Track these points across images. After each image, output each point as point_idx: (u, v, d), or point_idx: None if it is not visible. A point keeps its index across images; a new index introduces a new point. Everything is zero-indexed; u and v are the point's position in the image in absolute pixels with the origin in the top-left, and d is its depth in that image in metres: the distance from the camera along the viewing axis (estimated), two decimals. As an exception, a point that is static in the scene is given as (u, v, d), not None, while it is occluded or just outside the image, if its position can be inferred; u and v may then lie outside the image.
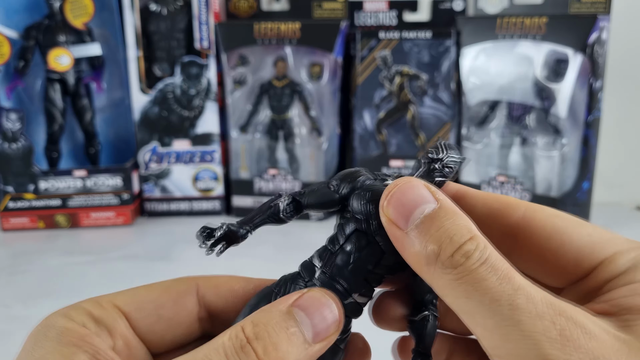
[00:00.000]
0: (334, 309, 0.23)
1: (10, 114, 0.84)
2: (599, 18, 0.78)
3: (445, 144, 0.25)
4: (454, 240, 0.21)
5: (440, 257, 0.21)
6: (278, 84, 0.87)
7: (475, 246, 0.21)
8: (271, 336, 0.22)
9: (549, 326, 0.19)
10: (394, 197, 0.22)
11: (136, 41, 0.86)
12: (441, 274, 0.21)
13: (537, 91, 0.83)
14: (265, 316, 0.22)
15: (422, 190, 0.22)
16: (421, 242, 0.21)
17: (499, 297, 0.20)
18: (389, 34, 0.84)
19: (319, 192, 0.26)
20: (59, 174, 0.86)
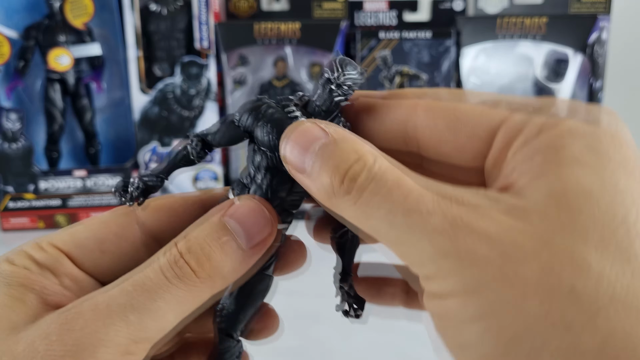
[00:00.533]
0: (265, 212, 0.24)
1: (10, 114, 0.84)
2: (599, 18, 0.78)
3: (340, 60, 0.23)
4: (340, 167, 0.21)
5: (334, 187, 0.21)
6: (278, 84, 0.87)
7: (362, 166, 0.20)
8: (203, 248, 0.22)
9: (441, 220, 0.19)
10: (289, 145, 0.22)
11: (136, 41, 0.86)
12: (341, 204, 0.21)
13: (537, 91, 0.83)
14: (196, 230, 0.23)
15: (313, 129, 0.22)
16: (318, 179, 0.21)
17: (392, 208, 0.20)
18: (389, 34, 0.84)
19: (224, 128, 0.26)
20: (59, 174, 0.86)
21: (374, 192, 0.20)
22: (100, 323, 0.21)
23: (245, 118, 0.25)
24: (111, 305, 0.21)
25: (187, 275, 0.22)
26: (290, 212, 0.26)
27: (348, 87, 0.23)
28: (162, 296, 0.22)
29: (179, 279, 0.22)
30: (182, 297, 0.22)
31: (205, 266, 0.22)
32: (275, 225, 0.24)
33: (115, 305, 0.21)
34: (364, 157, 0.21)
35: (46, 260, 0.24)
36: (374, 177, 0.20)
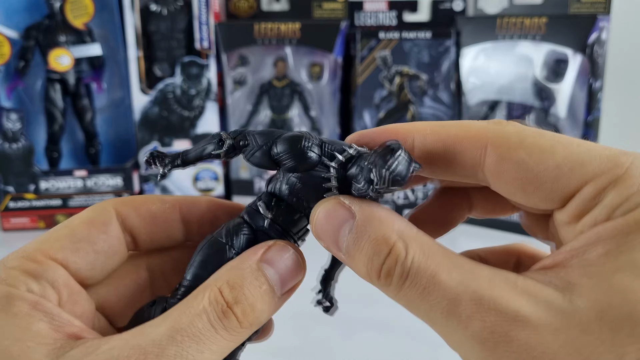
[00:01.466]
0: (299, 260, 0.24)
1: (10, 114, 0.84)
2: (598, 18, 0.78)
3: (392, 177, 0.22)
4: (375, 262, 0.21)
5: (372, 279, 0.22)
6: (278, 84, 0.87)
7: (394, 261, 0.21)
8: (248, 298, 0.23)
9: (480, 328, 0.19)
10: (319, 227, 0.23)
11: (136, 41, 0.86)
12: (384, 291, 0.22)
13: (536, 91, 0.83)
14: (239, 276, 0.23)
15: (339, 210, 0.23)
16: (355, 265, 0.22)
17: (430, 309, 0.20)
18: (389, 34, 0.84)
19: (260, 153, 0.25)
20: (59, 174, 0.86)
21: (411, 288, 0.20)
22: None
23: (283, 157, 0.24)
24: (160, 357, 0.21)
25: (234, 327, 0.22)
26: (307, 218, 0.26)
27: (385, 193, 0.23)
28: (210, 347, 0.22)
29: (225, 330, 0.22)
30: (224, 346, 0.22)
31: (250, 317, 0.23)
32: (305, 269, 0.25)
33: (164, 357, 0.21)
34: (395, 248, 0.21)
35: (45, 274, 0.23)
36: (408, 274, 0.21)
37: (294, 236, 0.26)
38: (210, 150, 0.27)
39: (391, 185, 0.22)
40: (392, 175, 0.22)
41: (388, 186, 0.22)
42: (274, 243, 0.24)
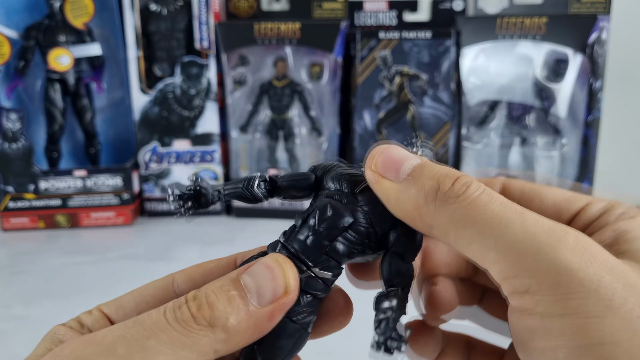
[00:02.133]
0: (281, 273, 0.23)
1: (10, 114, 0.84)
2: (598, 18, 0.78)
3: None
4: (450, 175, 0.22)
5: (440, 189, 0.22)
6: (278, 84, 0.87)
7: (470, 179, 0.22)
8: (208, 296, 0.23)
9: (564, 237, 0.19)
10: (382, 155, 0.23)
11: (136, 41, 0.86)
12: (444, 207, 0.21)
13: (537, 91, 0.83)
14: (212, 282, 0.23)
15: (404, 150, 0.24)
16: (416, 185, 0.22)
17: (510, 218, 0.20)
18: (389, 34, 0.84)
19: (296, 173, 0.26)
20: (59, 174, 0.86)
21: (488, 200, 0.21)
22: (88, 351, 0.21)
23: (320, 169, 0.26)
24: (106, 336, 0.22)
25: (186, 319, 0.22)
26: (337, 263, 0.24)
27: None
28: (156, 334, 0.22)
29: (176, 322, 0.22)
30: (176, 340, 0.22)
31: (205, 313, 0.22)
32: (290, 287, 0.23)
33: (110, 336, 0.22)
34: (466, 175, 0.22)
35: (89, 322, 0.26)
36: (485, 190, 0.21)
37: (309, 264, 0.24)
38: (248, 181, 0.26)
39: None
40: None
41: None
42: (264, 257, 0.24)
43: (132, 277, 0.69)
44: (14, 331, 0.56)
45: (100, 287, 0.66)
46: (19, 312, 0.61)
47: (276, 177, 0.26)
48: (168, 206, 0.91)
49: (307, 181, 0.26)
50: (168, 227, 0.87)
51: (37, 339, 0.26)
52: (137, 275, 0.69)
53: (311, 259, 0.24)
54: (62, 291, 0.66)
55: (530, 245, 0.19)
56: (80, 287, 0.67)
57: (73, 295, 0.64)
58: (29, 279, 0.69)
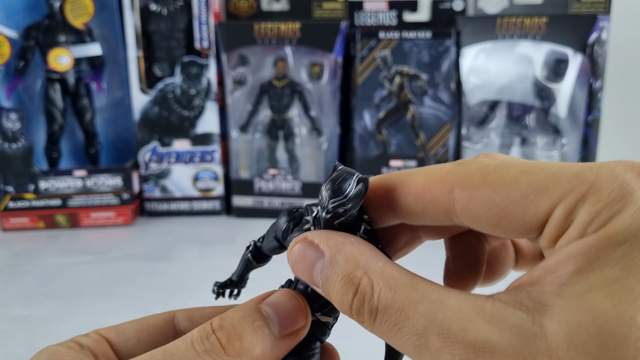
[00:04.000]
0: (301, 305, 0.25)
1: (10, 114, 0.84)
2: (598, 18, 0.78)
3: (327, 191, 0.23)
4: (345, 302, 0.22)
5: (347, 314, 0.22)
6: (278, 84, 0.87)
7: (362, 300, 0.21)
8: (236, 327, 0.23)
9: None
10: (296, 267, 0.24)
11: (136, 41, 0.86)
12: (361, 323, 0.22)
13: (537, 91, 0.83)
14: (232, 312, 0.24)
15: (308, 250, 0.23)
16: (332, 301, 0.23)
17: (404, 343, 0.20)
18: (389, 34, 0.84)
19: (266, 238, 0.28)
20: (59, 174, 0.86)
21: (382, 324, 0.21)
22: None
23: (279, 232, 0.27)
24: None
25: (216, 351, 0.22)
26: (334, 309, 0.26)
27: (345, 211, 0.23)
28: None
29: (207, 354, 0.22)
30: None
31: (235, 345, 0.23)
32: (309, 319, 0.25)
33: None
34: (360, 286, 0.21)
35: (89, 343, 0.26)
36: (377, 311, 0.21)
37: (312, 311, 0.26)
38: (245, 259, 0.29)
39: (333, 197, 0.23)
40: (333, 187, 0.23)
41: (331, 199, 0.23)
42: (278, 289, 0.25)
43: (132, 277, 0.69)
44: (14, 331, 0.56)
45: (100, 287, 0.66)
46: (19, 312, 0.61)
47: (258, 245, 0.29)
48: (168, 206, 0.91)
49: (276, 247, 0.27)
50: (168, 227, 0.87)
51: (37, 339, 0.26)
52: (137, 275, 0.69)
53: (314, 305, 0.25)
54: (62, 291, 0.66)
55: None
56: (80, 287, 0.67)
57: (73, 295, 0.64)
58: (29, 279, 0.69)
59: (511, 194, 0.21)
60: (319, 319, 0.26)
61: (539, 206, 0.20)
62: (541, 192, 0.20)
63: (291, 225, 0.26)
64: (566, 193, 0.20)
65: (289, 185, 0.88)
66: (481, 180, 0.22)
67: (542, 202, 0.20)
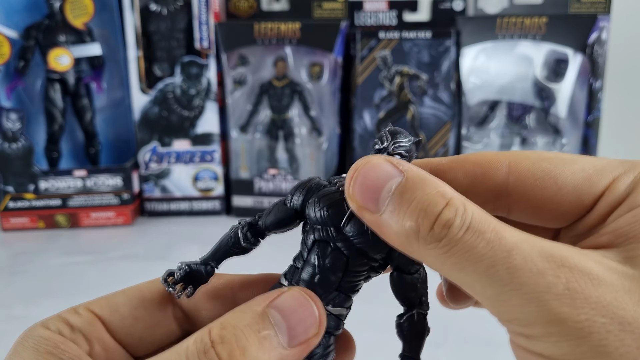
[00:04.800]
0: (314, 310, 0.22)
1: (10, 114, 0.84)
2: (599, 18, 0.78)
3: (390, 130, 0.23)
4: (430, 212, 0.19)
5: (420, 233, 0.19)
6: (278, 84, 0.87)
7: (454, 212, 0.19)
8: (239, 339, 0.20)
9: (554, 282, 0.18)
10: (358, 181, 0.21)
11: (136, 41, 0.86)
12: (427, 250, 0.19)
13: (537, 91, 0.83)
14: (235, 317, 0.21)
15: (385, 166, 0.21)
16: (398, 222, 0.20)
17: (494, 263, 0.18)
18: (389, 34, 0.84)
19: (274, 209, 0.25)
20: (59, 174, 0.86)
21: (471, 243, 0.19)
22: None
23: (297, 197, 0.24)
24: None
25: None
26: (348, 296, 0.24)
27: (400, 156, 0.22)
28: None
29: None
30: None
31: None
32: (322, 326, 0.22)
33: None
34: (453, 202, 0.19)
35: (80, 324, 0.23)
36: (470, 227, 0.19)
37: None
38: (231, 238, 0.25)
39: (396, 137, 0.22)
40: (393, 132, 0.23)
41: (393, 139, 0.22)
42: (288, 289, 0.22)
43: (132, 277, 0.68)
44: (14, 331, 0.56)
45: (100, 287, 0.66)
46: (19, 312, 0.61)
47: (257, 220, 0.25)
48: (168, 206, 0.91)
49: (289, 216, 0.24)
50: (168, 227, 0.87)
51: None
52: (137, 275, 0.69)
53: (322, 297, 0.23)
54: (62, 291, 0.66)
55: (519, 295, 0.18)
56: (80, 287, 0.67)
57: (73, 295, 0.64)
58: (29, 279, 0.69)
59: (571, 168, 0.22)
60: (331, 312, 0.23)
61: (598, 179, 0.21)
62: (599, 168, 0.22)
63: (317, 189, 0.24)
64: (622, 171, 0.21)
65: (289, 185, 0.88)
66: (538, 157, 0.23)
67: (601, 176, 0.21)
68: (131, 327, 0.25)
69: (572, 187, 0.22)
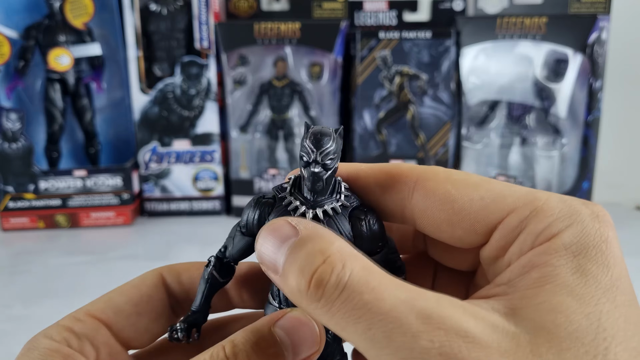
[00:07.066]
0: (314, 328, 0.23)
1: (10, 114, 0.84)
2: (598, 18, 0.78)
3: (312, 140, 0.23)
4: (305, 270, 0.19)
5: (301, 292, 0.20)
6: (278, 84, 0.87)
7: (330, 271, 0.19)
8: (250, 357, 0.21)
9: (427, 346, 0.17)
10: (263, 246, 0.21)
11: (136, 41, 0.86)
12: (312, 309, 0.20)
13: (537, 91, 0.83)
14: (245, 337, 0.22)
15: (284, 228, 0.21)
16: (287, 281, 0.20)
17: (371, 326, 0.18)
18: (389, 34, 0.84)
19: (234, 241, 0.26)
20: (59, 174, 0.86)
21: (346, 302, 0.18)
22: None
23: (250, 222, 0.25)
24: None
25: None
26: None
27: (330, 161, 0.23)
28: None
29: None
30: None
31: None
32: (322, 342, 0.23)
33: None
34: (330, 259, 0.19)
35: (86, 332, 0.24)
36: (346, 286, 0.19)
37: None
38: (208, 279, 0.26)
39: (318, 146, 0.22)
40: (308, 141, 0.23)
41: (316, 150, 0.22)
42: (290, 310, 0.24)
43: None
44: (14, 331, 0.56)
45: (100, 287, 0.66)
46: (19, 312, 0.61)
47: (224, 255, 0.26)
48: (168, 206, 0.91)
49: (249, 244, 0.25)
50: (168, 227, 0.87)
51: None
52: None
53: None
54: (62, 291, 0.66)
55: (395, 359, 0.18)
56: (80, 287, 0.67)
57: (73, 295, 0.64)
58: (29, 279, 0.69)
59: (470, 194, 0.22)
60: None
61: (494, 210, 0.22)
62: (498, 198, 0.22)
63: (267, 210, 0.24)
64: (521, 204, 0.21)
65: (289, 185, 0.88)
66: (445, 177, 0.23)
67: (498, 207, 0.22)
68: (137, 323, 0.26)
69: (466, 213, 0.22)
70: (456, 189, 0.23)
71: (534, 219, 0.21)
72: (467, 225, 0.22)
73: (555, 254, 0.20)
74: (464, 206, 0.22)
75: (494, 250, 0.22)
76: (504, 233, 0.22)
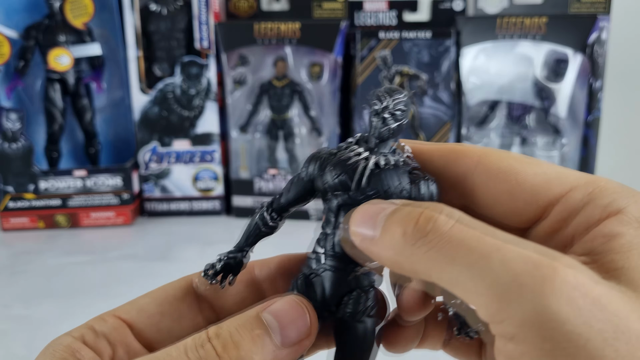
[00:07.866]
0: (306, 314, 0.23)
1: (10, 114, 0.84)
2: (598, 18, 0.78)
3: (386, 89, 0.24)
4: (412, 214, 0.20)
5: (406, 233, 0.20)
6: (278, 84, 0.87)
7: (439, 211, 0.20)
8: (233, 335, 0.22)
9: (550, 276, 0.17)
10: (356, 216, 0.22)
11: (136, 41, 0.86)
12: (416, 252, 0.19)
13: (537, 91, 0.83)
14: (231, 320, 0.23)
15: (377, 204, 0.22)
16: (388, 235, 0.21)
17: (487, 253, 0.18)
18: (389, 34, 0.84)
19: (292, 186, 0.26)
20: (59, 174, 0.86)
21: (461, 234, 0.19)
22: None
23: (312, 169, 0.25)
24: None
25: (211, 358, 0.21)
26: None
27: (401, 111, 0.24)
28: None
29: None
30: None
31: (232, 353, 0.21)
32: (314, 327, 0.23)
33: None
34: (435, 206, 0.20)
35: (105, 330, 0.24)
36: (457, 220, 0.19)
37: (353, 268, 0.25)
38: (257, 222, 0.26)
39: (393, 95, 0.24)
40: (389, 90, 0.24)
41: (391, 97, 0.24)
42: (284, 295, 0.24)
43: (132, 277, 0.68)
44: (14, 331, 0.56)
45: (100, 287, 0.66)
46: (19, 312, 0.61)
47: (278, 201, 0.26)
48: (168, 206, 0.91)
49: (306, 189, 0.25)
50: (168, 227, 0.87)
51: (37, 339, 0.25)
52: (137, 275, 0.69)
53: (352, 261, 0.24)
54: (62, 291, 0.66)
55: (512, 289, 0.17)
56: (80, 287, 0.67)
57: (73, 295, 0.64)
58: (29, 279, 0.69)
59: (533, 168, 0.23)
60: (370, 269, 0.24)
61: (557, 184, 0.23)
62: (561, 175, 0.23)
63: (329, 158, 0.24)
64: (582, 182, 0.22)
65: (289, 185, 0.88)
66: (506, 155, 0.24)
67: (560, 182, 0.23)
68: (160, 323, 0.26)
69: (530, 185, 0.23)
70: (518, 162, 0.23)
71: (599, 194, 0.22)
72: (529, 196, 0.23)
73: (630, 225, 0.20)
74: (527, 178, 0.23)
75: (554, 223, 0.22)
76: (567, 206, 0.22)
